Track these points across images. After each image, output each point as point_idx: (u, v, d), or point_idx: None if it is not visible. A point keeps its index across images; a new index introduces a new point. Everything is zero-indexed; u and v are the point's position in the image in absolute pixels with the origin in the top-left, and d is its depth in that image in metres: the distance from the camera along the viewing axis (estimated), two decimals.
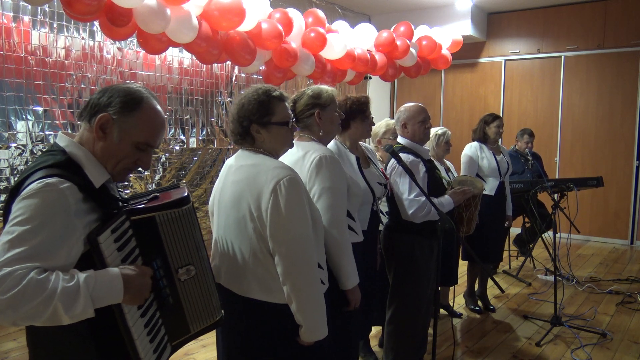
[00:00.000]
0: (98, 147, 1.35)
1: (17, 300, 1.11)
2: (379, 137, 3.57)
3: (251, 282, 1.79)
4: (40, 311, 1.14)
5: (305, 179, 2.11)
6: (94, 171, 1.34)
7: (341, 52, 4.62)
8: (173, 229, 1.40)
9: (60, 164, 1.28)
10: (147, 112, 1.37)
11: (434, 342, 2.65)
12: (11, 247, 1.15)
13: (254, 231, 1.76)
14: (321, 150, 2.17)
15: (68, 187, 1.23)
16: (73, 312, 1.16)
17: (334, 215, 2.12)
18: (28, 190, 1.20)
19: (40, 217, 1.18)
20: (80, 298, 1.17)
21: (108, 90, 1.37)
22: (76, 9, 2.85)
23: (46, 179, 1.22)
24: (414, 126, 2.87)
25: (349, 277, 2.13)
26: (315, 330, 1.76)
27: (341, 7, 7.49)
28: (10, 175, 4.21)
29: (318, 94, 2.25)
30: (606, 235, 7.12)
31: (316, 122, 2.24)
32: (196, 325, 1.50)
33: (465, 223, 3.16)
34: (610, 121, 7.03)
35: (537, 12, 7.43)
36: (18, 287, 1.11)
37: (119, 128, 1.34)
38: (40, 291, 1.13)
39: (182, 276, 1.43)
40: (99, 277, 1.22)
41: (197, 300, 1.48)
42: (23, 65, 4.16)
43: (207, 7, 3.53)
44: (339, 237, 2.12)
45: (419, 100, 6.61)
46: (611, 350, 3.61)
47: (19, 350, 3.49)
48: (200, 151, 5.74)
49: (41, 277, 1.14)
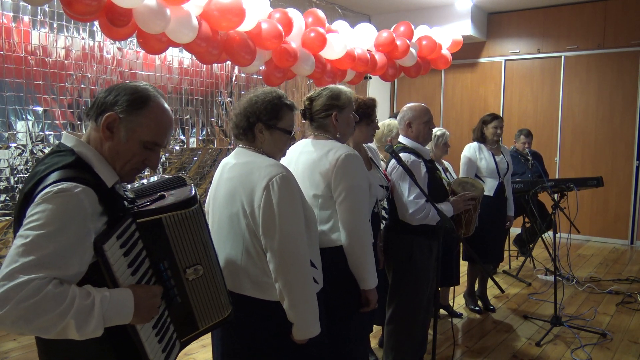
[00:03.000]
0: (106, 147, 1.33)
1: (32, 312, 1.09)
2: (391, 137, 3.58)
3: (244, 279, 1.80)
4: (51, 325, 1.12)
5: (329, 177, 2.12)
6: (105, 171, 1.31)
7: (341, 52, 4.62)
8: (180, 230, 1.38)
9: (71, 165, 1.26)
10: (154, 110, 1.34)
11: (434, 342, 2.65)
12: (25, 252, 1.12)
13: (246, 228, 1.77)
14: (346, 148, 2.18)
15: (83, 191, 1.20)
16: (84, 331, 1.15)
17: (360, 214, 2.14)
18: (43, 195, 1.17)
19: (55, 223, 1.15)
20: (94, 317, 1.16)
21: (115, 88, 1.34)
22: (76, 9, 2.84)
23: (61, 184, 1.19)
24: (419, 126, 2.87)
25: (372, 276, 2.17)
26: (308, 327, 1.76)
27: (341, 7, 7.49)
28: (10, 175, 4.21)
29: (337, 96, 2.25)
30: (606, 236, 7.12)
31: (332, 123, 2.25)
32: (205, 322, 1.50)
33: (463, 225, 3.15)
34: (610, 121, 7.03)
35: (537, 12, 7.43)
36: (35, 299, 1.09)
37: (126, 127, 1.32)
38: (56, 305, 1.11)
39: (190, 276, 1.41)
40: (113, 297, 1.21)
41: (206, 298, 1.48)
42: (23, 65, 4.16)
43: (207, 7, 3.53)
44: (364, 236, 2.14)
45: (419, 100, 6.61)
46: (611, 350, 3.61)
47: (19, 350, 3.50)
48: (200, 151, 5.74)
49: (58, 291, 1.12)
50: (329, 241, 2.18)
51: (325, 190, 2.15)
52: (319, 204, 2.19)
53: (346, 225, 2.13)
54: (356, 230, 2.12)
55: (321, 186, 2.15)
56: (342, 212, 2.14)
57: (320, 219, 2.18)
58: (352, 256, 2.14)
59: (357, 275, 2.16)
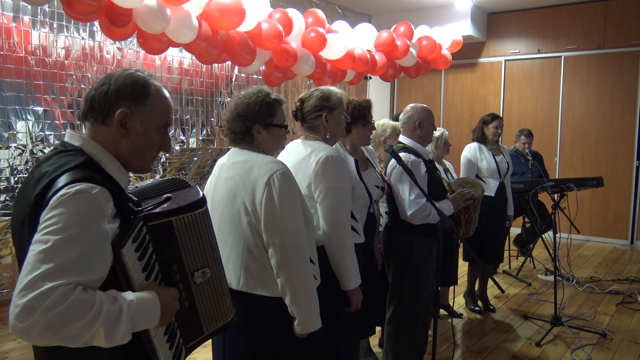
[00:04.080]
0: (122, 145, 1.28)
1: (60, 320, 1.02)
2: (385, 137, 3.57)
3: (246, 276, 1.81)
4: (80, 334, 1.05)
5: (310, 178, 2.14)
6: (118, 171, 1.28)
7: (341, 52, 4.62)
8: (189, 232, 1.35)
9: (83, 165, 1.20)
10: (158, 94, 1.33)
11: (434, 342, 2.65)
12: (47, 258, 1.05)
13: (248, 225, 1.79)
14: (327, 149, 2.19)
15: (100, 192, 1.15)
16: (113, 338, 1.09)
17: (338, 215, 2.14)
18: (59, 197, 1.11)
19: (76, 226, 1.10)
20: (122, 323, 1.10)
21: (107, 84, 1.29)
22: (76, 9, 2.85)
23: (77, 184, 1.13)
24: (428, 127, 2.87)
25: (351, 277, 2.15)
26: (309, 321, 1.78)
27: (341, 7, 7.49)
28: (10, 175, 4.21)
29: (327, 97, 2.26)
30: (606, 236, 7.12)
31: (323, 124, 2.26)
32: (210, 326, 1.47)
33: (463, 225, 3.15)
34: (610, 121, 7.03)
35: (537, 12, 7.43)
36: (62, 306, 1.02)
37: (140, 119, 1.29)
38: (84, 312, 1.05)
39: (197, 279, 1.39)
40: (139, 302, 1.16)
41: (212, 302, 1.46)
42: (23, 65, 4.16)
43: (207, 7, 3.53)
44: (342, 237, 2.14)
45: (419, 100, 6.61)
46: (611, 350, 3.61)
47: (19, 350, 3.49)
48: (200, 151, 5.74)
49: (85, 297, 1.06)
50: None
51: (306, 191, 2.16)
52: None
53: (324, 226, 2.14)
54: (335, 231, 2.12)
55: (303, 186, 2.16)
56: (321, 213, 2.14)
57: None
58: (331, 257, 2.13)
59: (337, 276, 2.15)
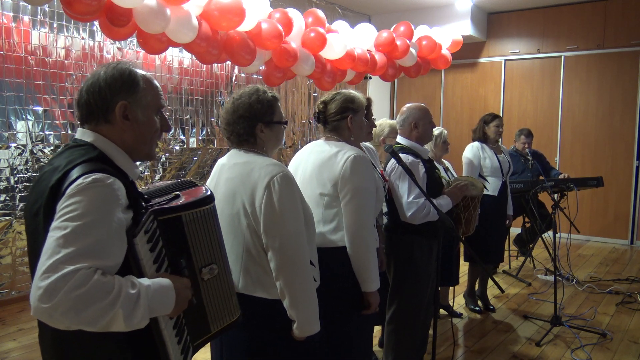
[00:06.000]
0: (128, 137, 1.33)
1: (82, 302, 1.06)
2: (383, 136, 3.58)
3: (245, 278, 1.81)
4: (101, 316, 1.09)
5: (336, 177, 2.16)
6: (128, 165, 1.32)
7: (341, 52, 4.62)
8: (198, 228, 1.38)
9: (96, 158, 1.25)
10: (145, 80, 1.36)
11: (434, 342, 2.65)
12: (67, 243, 1.09)
13: (247, 227, 1.79)
14: (354, 150, 2.22)
15: (115, 182, 1.20)
16: (132, 321, 1.13)
17: (365, 216, 2.16)
18: (76, 186, 1.15)
19: (93, 213, 1.14)
20: (140, 307, 1.14)
21: (96, 84, 1.34)
22: (76, 9, 2.85)
23: (93, 174, 1.17)
24: (425, 126, 2.87)
25: (373, 280, 2.18)
26: (308, 325, 1.77)
27: (341, 7, 7.50)
28: (10, 175, 4.21)
29: (352, 99, 2.30)
30: (606, 235, 7.12)
31: (347, 126, 2.29)
32: (216, 324, 1.47)
33: (463, 224, 3.15)
34: (610, 121, 7.03)
35: (537, 12, 7.43)
36: (84, 288, 1.06)
37: (139, 107, 1.33)
38: (105, 294, 1.09)
39: (205, 275, 1.41)
40: (156, 287, 1.20)
41: (219, 299, 1.47)
42: (23, 65, 4.17)
43: (207, 7, 3.53)
44: (367, 239, 2.16)
45: (419, 100, 6.62)
46: (611, 350, 3.61)
47: (19, 350, 3.50)
48: (200, 151, 5.74)
49: (105, 280, 1.10)
50: (329, 242, 2.18)
51: (332, 190, 2.17)
52: (324, 203, 2.20)
53: (350, 227, 2.15)
54: (360, 232, 2.14)
55: (328, 185, 2.18)
56: (347, 213, 2.16)
57: (325, 218, 2.20)
58: (355, 258, 2.15)
59: (359, 277, 2.17)
